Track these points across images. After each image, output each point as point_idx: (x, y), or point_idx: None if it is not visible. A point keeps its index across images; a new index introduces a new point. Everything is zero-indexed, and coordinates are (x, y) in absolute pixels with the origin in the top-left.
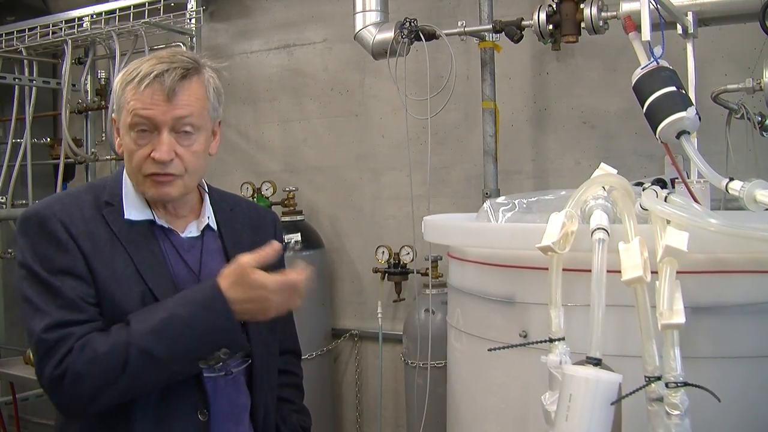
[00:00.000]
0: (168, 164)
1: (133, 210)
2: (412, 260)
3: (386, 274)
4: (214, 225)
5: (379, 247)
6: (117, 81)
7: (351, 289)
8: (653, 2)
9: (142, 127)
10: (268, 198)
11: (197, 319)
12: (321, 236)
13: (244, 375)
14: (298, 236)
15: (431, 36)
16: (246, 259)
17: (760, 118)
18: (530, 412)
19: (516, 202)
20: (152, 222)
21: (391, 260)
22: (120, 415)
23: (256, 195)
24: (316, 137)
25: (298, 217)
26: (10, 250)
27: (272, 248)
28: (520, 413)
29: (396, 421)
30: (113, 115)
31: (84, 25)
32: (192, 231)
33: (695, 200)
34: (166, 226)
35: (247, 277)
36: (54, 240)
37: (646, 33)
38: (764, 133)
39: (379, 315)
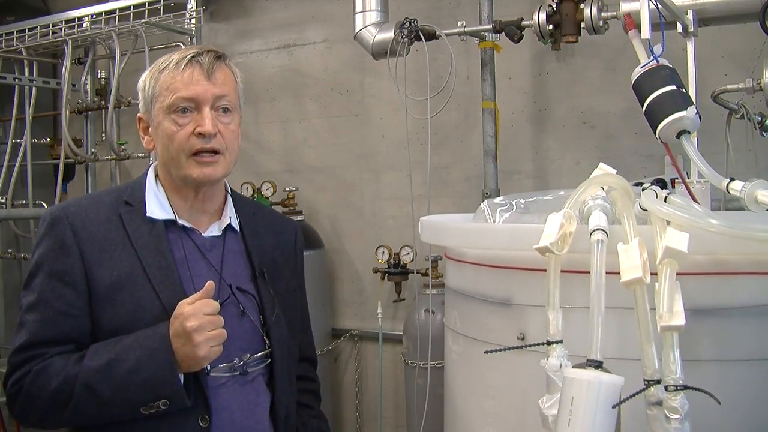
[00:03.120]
0: (212, 138)
1: (155, 208)
2: (412, 260)
3: (386, 274)
4: (236, 225)
5: (379, 247)
6: (145, 77)
7: (351, 289)
8: (653, 1)
9: (183, 106)
10: (268, 198)
11: (142, 366)
12: (321, 236)
13: (264, 375)
14: None
15: (431, 36)
16: (184, 300)
17: (760, 118)
18: (528, 416)
19: (514, 202)
20: (173, 222)
21: (391, 260)
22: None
23: (256, 195)
24: (316, 137)
25: (298, 217)
26: (10, 250)
27: (209, 287)
28: (518, 416)
29: (396, 421)
30: (139, 114)
31: (84, 25)
32: (214, 230)
33: (695, 200)
34: (187, 225)
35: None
36: (58, 242)
37: (646, 31)
38: (764, 133)
39: (379, 315)
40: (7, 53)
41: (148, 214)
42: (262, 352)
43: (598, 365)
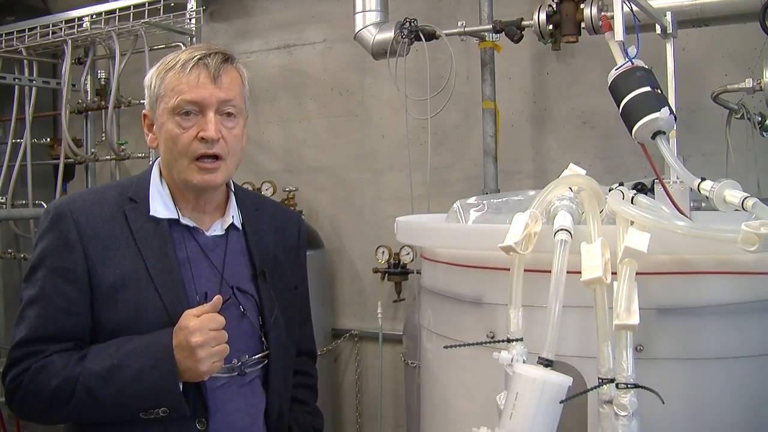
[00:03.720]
0: (215, 143)
1: (159, 207)
2: (412, 260)
3: (386, 274)
4: (239, 224)
5: (379, 247)
6: (151, 75)
7: (351, 289)
8: (627, 3)
9: (187, 109)
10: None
11: (144, 374)
12: (321, 236)
13: (261, 377)
14: None
15: (431, 36)
16: (189, 311)
17: (760, 118)
18: (497, 413)
19: (485, 202)
20: (176, 221)
21: (391, 260)
22: (118, 423)
23: None
24: (316, 137)
25: None
26: (10, 250)
27: (217, 301)
28: (489, 414)
29: (396, 421)
30: (144, 111)
31: (84, 25)
32: (216, 229)
33: (672, 201)
34: (191, 225)
35: (182, 327)
36: (62, 238)
37: (619, 33)
38: (764, 133)
39: (379, 315)
40: (7, 53)
41: (152, 213)
42: (259, 354)
43: (548, 364)
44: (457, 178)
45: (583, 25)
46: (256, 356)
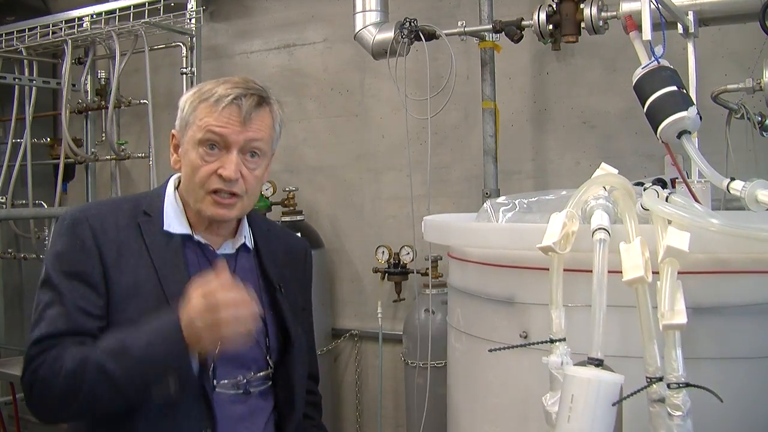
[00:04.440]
0: (234, 183)
1: (173, 222)
2: (412, 260)
3: (386, 274)
4: (250, 244)
5: (379, 247)
6: (186, 99)
7: (351, 289)
8: (654, 2)
9: (213, 142)
10: (268, 198)
11: (153, 346)
12: (321, 236)
13: (266, 394)
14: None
15: (431, 36)
16: (194, 284)
17: (760, 118)
18: (530, 413)
19: (516, 202)
20: (189, 237)
21: (391, 260)
22: (122, 427)
23: None
24: (316, 137)
25: (298, 217)
26: (10, 250)
27: (222, 265)
28: (521, 414)
29: (396, 421)
30: (174, 131)
31: (84, 25)
32: (227, 248)
33: (696, 200)
34: (203, 242)
35: (208, 299)
36: (79, 243)
37: (647, 32)
38: (764, 133)
39: (379, 315)
40: (7, 53)
41: (165, 228)
42: (266, 372)
43: (598, 363)
44: (457, 178)
45: (583, 25)
46: (261, 374)
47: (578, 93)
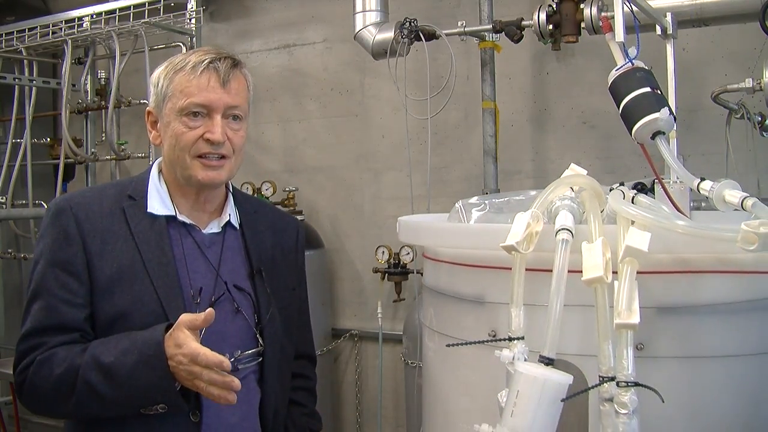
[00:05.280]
0: (222, 145)
1: (156, 204)
2: (412, 260)
3: (386, 274)
4: (236, 223)
5: (379, 247)
6: (159, 74)
7: (351, 289)
8: (627, 4)
9: (195, 110)
10: (268, 198)
11: (138, 372)
12: (321, 236)
13: (256, 373)
14: None
15: (431, 36)
16: (185, 317)
17: (760, 118)
18: (499, 411)
19: (487, 202)
20: (173, 218)
21: (391, 260)
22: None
23: (256, 195)
24: (316, 137)
25: (298, 217)
26: (10, 250)
27: (209, 315)
28: (491, 413)
29: (396, 421)
30: (149, 108)
31: (84, 25)
32: (213, 227)
33: (671, 201)
34: (187, 222)
35: (180, 341)
36: (62, 232)
37: (619, 34)
38: (764, 133)
39: (379, 315)
40: (7, 53)
41: (149, 210)
42: (253, 350)
43: (548, 362)
44: (457, 178)
45: (583, 25)
46: (250, 351)
47: (578, 93)
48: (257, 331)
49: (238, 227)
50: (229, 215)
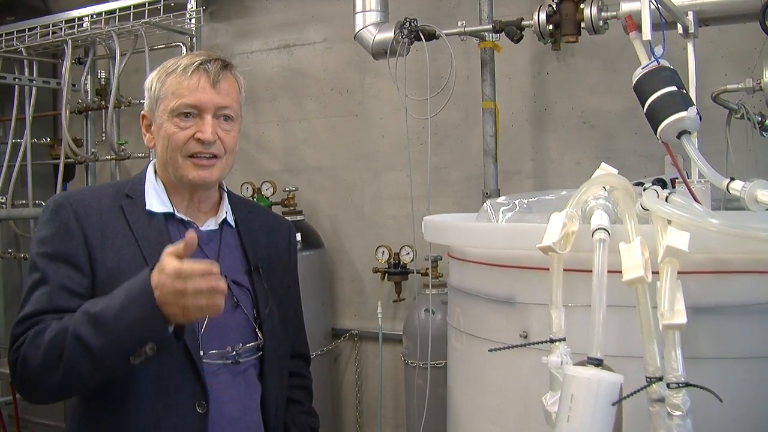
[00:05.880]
0: (212, 144)
1: (154, 202)
2: (412, 260)
3: (386, 274)
4: (232, 221)
5: (379, 247)
6: (152, 78)
7: (351, 289)
8: (654, 2)
9: (186, 110)
10: (268, 198)
11: (125, 310)
12: (321, 236)
13: (256, 367)
14: (298, 236)
15: (431, 36)
16: (168, 249)
17: (760, 118)
18: (530, 413)
19: (516, 202)
20: (171, 215)
21: (391, 260)
22: (117, 405)
23: (256, 195)
24: (316, 137)
25: (298, 217)
26: (10, 250)
27: (190, 238)
28: (521, 414)
29: (396, 421)
30: (143, 112)
31: (84, 25)
32: (210, 225)
33: (696, 200)
34: (185, 219)
35: (164, 265)
36: (63, 227)
37: (647, 32)
38: (764, 133)
39: (379, 315)
40: (7, 53)
41: (147, 207)
42: (253, 343)
43: (598, 363)
44: (457, 178)
45: (583, 25)
46: (250, 345)
47: (578, 93)
48: (256, 325)
49: (234, 225)
50: (226, 213)
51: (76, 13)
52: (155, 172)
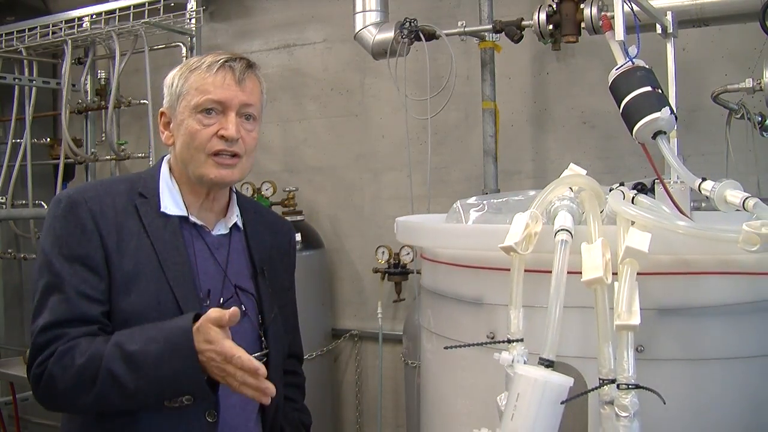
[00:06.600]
0: (235, 142)
1: (169, 204)
2: (412, 260)
3: (386, 274)
4: (240, 224)
5: (379, 247)
6: (174, 75)
7: (351, 289)
8: (628, 3)
9: (210, 106)
10: (268, 198)
11: (164, 360)
12: (321, 236)
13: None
14: (298, 236)
15: (431, 36)
16: (213, 313)
17: (760, 118)
18: (498, 414)
19: (485, 202)
20: (185, 219)
21: (391, 260)
22: (125, 413)
23: (256, 195)
24: (316, 137)
25: (298, 217)
26: (10, 250)
27: (233, 314)
28: (489, 415)
29: (396, 421)
30: (162, 109)
31: (84, 25)
32: (221, 229)
33: (673, 201)
34: (198, 223)
35: (211, 337)
36: (79, 226)
37: (619, 33)
38: (764, 133)
39: (379, 315)
40: (7, 53)
41: (162, 209)
42: (259, 353)
43: (548, 364)
44: (457, 178)
45: (583, 25)
46: (256, 355)
47: (578, 93)
48: (261, 332)
49: (242, 228)
50: (236, 216)
51: (76, 13)
52: (170, 169)
